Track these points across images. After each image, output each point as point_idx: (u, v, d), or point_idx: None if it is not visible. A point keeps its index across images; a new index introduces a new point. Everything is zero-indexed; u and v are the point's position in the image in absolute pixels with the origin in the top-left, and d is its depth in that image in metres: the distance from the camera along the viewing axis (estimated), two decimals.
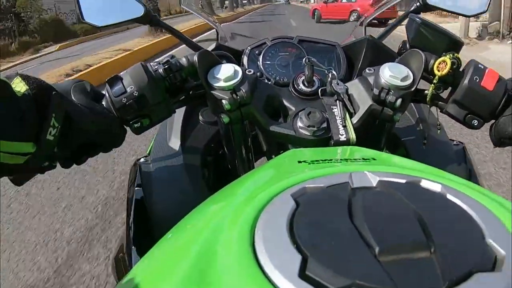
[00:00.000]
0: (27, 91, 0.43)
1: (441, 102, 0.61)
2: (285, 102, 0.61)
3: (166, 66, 0.57)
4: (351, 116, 0.58)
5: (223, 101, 0.56)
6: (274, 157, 0.55)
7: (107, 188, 2.41)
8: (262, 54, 0.77)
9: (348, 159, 0.43)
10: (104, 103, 0.56)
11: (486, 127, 0.61)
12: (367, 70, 0.60)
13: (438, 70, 0.57)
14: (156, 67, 0.58)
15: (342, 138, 0.54)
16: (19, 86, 0.43)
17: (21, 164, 0.43)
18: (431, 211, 0.28)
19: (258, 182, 0.40)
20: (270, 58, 0.77)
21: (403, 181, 0.33)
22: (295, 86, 0.62)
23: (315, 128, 0.55)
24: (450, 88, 0.60)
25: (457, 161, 0.76)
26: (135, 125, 0.57)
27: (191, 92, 0.63)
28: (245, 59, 0.77)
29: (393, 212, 0.28)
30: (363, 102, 0.58)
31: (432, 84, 0.58)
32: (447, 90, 0.61)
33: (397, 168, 0.36)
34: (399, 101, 0.55)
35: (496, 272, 0.23)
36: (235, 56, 0.77)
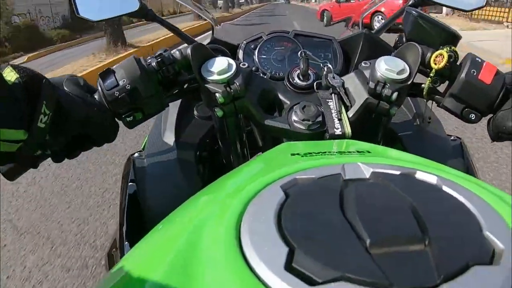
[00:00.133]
0: (18, 80, 0.44)
1: (438, 96, 0.60)
2: (280, 96, 0.60)
3: (159, 59, 0.57)
4: (347, 110, 0.57)
5: (217, 95, 0.56)
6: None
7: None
8: (258, 48, 0.76)
9: (342, 152, 0.42)
10: (97, 97, 0.55)
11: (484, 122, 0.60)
12: (363, 64, 0.59)
13: (435, 63, 0.56)
14: (150, 61, 0.57)
15: (338, 132, 0.53)
16: (10, 75, 0.44)
17: (14, 152, 0.44)
18: (426, 203, 0.27)
19: (248, 174, 0.39)
20: (266, 52, 0.76)
21: (398, 173, 0.32)
22: (290, 80, 0.62)
23: (310, 122, 0.55)
24: (447, 82, 0.59)
25: (455, 156, 0.75)
26: (128, 119, 0.56)
27: (185, 86, 0.62)
28: (241, 53, 0.76)
29: (387, 204, 0.27)
30: (359, 96, 0.57)
31: (429, 78, 0.58)
32: (444, 84, 0.60)
33: (392, 160, 0.35)
34: (395, 95, 0.55)
35: (495, 266, 0.22)
36: (231, 51, 0.76)
